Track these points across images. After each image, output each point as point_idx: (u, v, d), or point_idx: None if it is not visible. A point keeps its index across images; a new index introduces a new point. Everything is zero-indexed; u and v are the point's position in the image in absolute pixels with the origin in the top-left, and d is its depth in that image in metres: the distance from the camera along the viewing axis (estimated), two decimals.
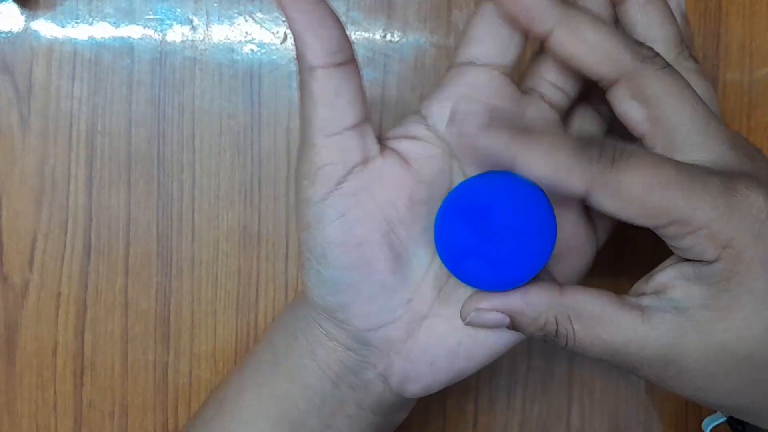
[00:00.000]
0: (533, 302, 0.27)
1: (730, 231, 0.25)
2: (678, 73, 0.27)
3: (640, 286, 0.28)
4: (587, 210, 0.30)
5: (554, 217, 0.26)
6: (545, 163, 0.25)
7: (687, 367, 0.26)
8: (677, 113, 0.26)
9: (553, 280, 0.28)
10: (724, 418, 0.33)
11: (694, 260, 0.26)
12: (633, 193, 0.25)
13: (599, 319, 0.27)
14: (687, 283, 0.26)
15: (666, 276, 0.27)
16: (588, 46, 0.26)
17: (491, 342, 0.29)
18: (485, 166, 0.27)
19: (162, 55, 0.38)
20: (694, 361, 0.26)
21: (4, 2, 0.38)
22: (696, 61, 0.29)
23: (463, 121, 0.26)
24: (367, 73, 0.38)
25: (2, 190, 0.38)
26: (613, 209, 0.25)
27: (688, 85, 0.27)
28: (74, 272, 0.38)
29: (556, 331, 0.27)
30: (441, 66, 0.38)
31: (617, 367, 0.28)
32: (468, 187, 0.27)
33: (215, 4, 0.38)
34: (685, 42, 0.29)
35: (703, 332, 0.26)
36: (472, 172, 0.28)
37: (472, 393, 0.38)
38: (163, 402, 0.38)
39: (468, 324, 0.28)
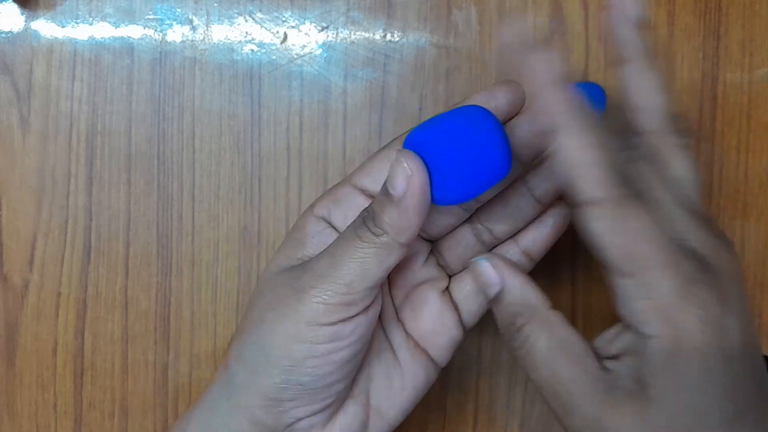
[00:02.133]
0: (528, 292, 0.28)
1: (681, 314, 0.25)
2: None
3: (602, 344, 0.28)
4: (451, 297, 0.31)
5: (506, 139, 0.28)
6: (577, 149, 0.25)
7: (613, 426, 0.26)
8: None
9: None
10: None
11: (635, 331, 0.26)
12: (625, 232, 0.25)
13: (564, 347, 0.27)
14: (632, 358, 0.26)
15: (617, 346, 0.27)
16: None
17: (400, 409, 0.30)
18: (510, 103, 0.29)
19: (162, 55, 0.38)
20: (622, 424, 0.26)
21: (4, 2, 0.38)
22: (684, 135, 0.29)
23: (538, 62, 0.25)
24: (367, 73, 0.38)
25: (2, 190, 0.38)
26: (596, 233, 0.25)
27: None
28: (74, 272, 0.38)
29: (521, 327, 0.28)
30: (441, 66, 0.38)
31: (548, 405, 0.28)
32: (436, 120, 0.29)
33: (215, 4, 0.38)
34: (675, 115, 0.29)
35: (640, 409, 0.25)
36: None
37: (472, 393, 0.38)
38: (163, 402, 0.38)
39: (470, 263, 0.29)
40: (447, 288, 0.32)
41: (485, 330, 0.38)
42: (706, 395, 0.25)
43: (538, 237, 0.31)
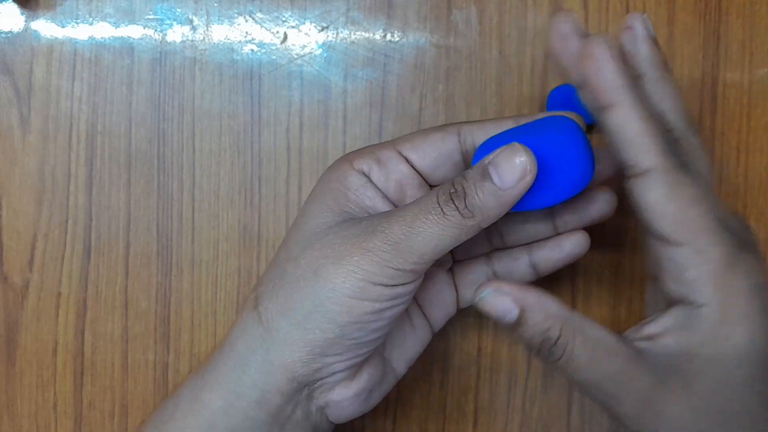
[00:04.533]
0: (547, 303, 0.28)
1: (730, 280, 0.26)
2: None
3: (632, 332, 0.28)
4: (454, 278, 0.33)
5: (590, 153, 0.29)
6: (635, 121, 0.26)
7: (667, 413, 0.27)
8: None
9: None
10: None
11: (684, 304, 0.27)
12: (680, 198, 0.26)
13: (600, 344, 0.27)
14: (678, 333, 0.27)
15: (658, 326, 0.27)
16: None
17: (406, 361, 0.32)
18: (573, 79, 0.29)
19: (162, 55, 0.38)
20: (675, 409, 0.26)
21: (4, 2, 0.38)
22: (697, 136, 0.30)
23: (595, 44, 0.26)
24: (367, 73, 0.38)
25: (2, 190, 0.38)
26: (652, 201, 0.26)
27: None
28: (74, 272, 0.38)
29: (557, 340, 0.27)
30: (441, 66, 0.38)
31: (595, 400, 0.28)
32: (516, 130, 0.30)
33: (215, 4, 0.38)
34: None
35: (687, 382, 0.26)
36: None
37: (472, 393, 0.38)
38: None
39: (478, 302, 0.28)
40: (451, 268, 0.34)
41: (485, 330, 0.38)
42: (751, 363, 0.26)
43: (551, 257, 0.33)
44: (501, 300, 0.28)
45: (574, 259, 0.33)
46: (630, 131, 0.26)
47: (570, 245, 0.32)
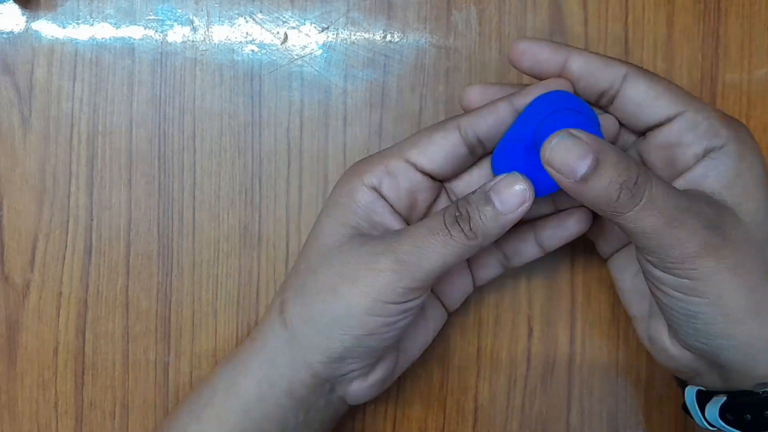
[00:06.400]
0: (616, 148, 0.27)
1: (731, 122, 0.30)
2: None
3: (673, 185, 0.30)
4: (470, 263, 0.35)
5: (594, 122, 0.30)
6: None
7: (730, 236, 0.28)
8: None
9: None
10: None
11: (706, 157, 0.30)
12: (661, 84, 0.30)
13: (665, 181, 0.28)
14: (714, 172, 0.29)
15: (695, 174, 0.30)
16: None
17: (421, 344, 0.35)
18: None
19: (163, 55, 0.38)
20: (736, 234, 0.29)
21: (5, 2, 0.38)
22: None
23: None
24: (367, 73, 0.38)
25: (3, 190, 0.38)
26: (642, 96, 0.30)
27: None
28: (75, 272, 0.38)
29: (638, 179, 0.27)
30: (441, 66, 0.38)
31: (659, 247, 0.28)
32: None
33: (216, 5, 0.38)
34: None
35: (737, 209, 0.29)
36: None
37: (472, 393, 0.38)
38: (164, 401, 0.38)
39: (548, 155, 0.27)
40: None
41: (485, 330, 0.38)
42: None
43: (555, 235, 0.34)
44: (576, 145, 0.27)
45: (578, 236, 0.34)
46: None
47: (573, 223, 0.34)
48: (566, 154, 0.27)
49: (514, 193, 0.28)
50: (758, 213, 0.29)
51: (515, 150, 0.30)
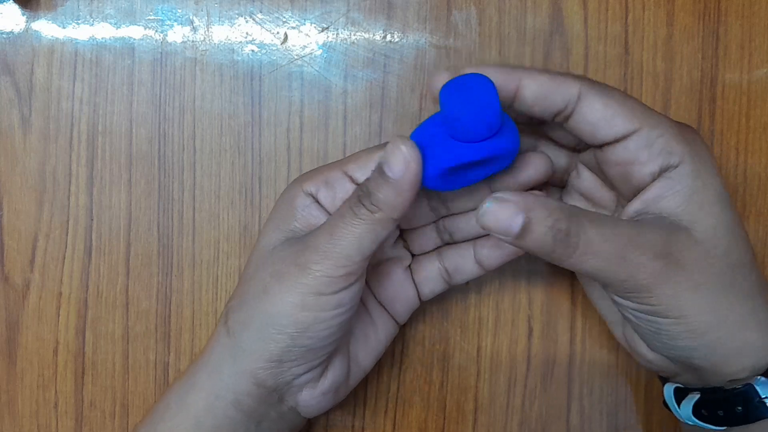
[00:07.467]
0: (545, 200, 0.28)
1: (687, 134, 0.30)
2: None
3: (629, 208, 0.31)
4: (412, 275, 0.36)
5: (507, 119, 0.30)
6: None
7: (684, 260, 0.29)
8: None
9: None
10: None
11: (662, 176, 0.29)
12: (612, 104, 0.30)
13: (607, 223, 0.29)
14: (667, 192, 0.29)
15: (650, 194, 0.30)
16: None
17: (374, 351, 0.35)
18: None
19: (163, 55, 0.38)
20: (690, 254, 0.29)
21: (5, 2, 0.38)
22: None
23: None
24: (367, 73, 0.38)
25: (3, 190, 0.38)
26: (598, 116, 0.30)
27: None
28: (75, 272, 0.38)
29: (569, 230, 0.28)
30: (441, 66, 0.38)
31: (611, 282, 0.29)
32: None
33: (216, 5, 0.38)
34: None
35: (691, 225, 0.29)
36: None
37: (472, 392, 0.38)
38: None
39: (480, 219, 0.28)
40: (410, 265, 0.36)
41: (485, 330, 0.38)
42: (724, 195, 0.30)
43: (493, 255, 0.34)
44: (505, 208, 0.28)
45: (518, 255, 0.34)
46: None
47: (509, 247, 0.34)
48: (498, 217, 0.28)
49: (398, 157, 0.29)
50: (716, 229, 0.29)
51: (434, 133, 0.30)
